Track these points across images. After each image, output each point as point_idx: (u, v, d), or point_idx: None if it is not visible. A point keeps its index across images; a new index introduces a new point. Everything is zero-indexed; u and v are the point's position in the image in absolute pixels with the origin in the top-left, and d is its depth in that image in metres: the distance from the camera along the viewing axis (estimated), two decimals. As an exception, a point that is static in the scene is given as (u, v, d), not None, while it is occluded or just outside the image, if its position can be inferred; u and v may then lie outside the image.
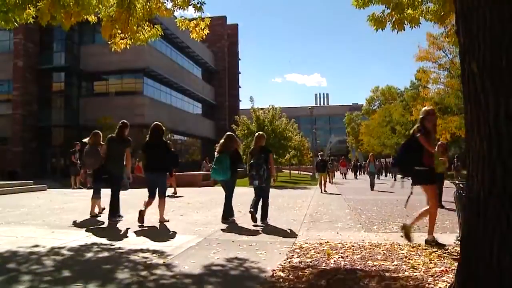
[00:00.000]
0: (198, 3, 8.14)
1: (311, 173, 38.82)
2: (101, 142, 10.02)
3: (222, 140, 9.12)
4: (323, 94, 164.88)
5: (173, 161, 9.15)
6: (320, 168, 21.01)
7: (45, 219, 9.44)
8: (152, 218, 8.92)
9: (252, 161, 8.78)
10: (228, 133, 9.58)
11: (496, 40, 2.66)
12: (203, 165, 30.24)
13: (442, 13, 8.31)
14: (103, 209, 9.95)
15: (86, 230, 7.79)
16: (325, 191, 19.81)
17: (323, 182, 20.46)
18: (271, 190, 9.37)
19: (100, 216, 9.73)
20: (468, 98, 2.86)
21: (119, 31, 8.65)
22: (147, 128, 31.21)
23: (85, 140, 10.62)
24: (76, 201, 13.74)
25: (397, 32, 8.26)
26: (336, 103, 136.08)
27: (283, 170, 45.20)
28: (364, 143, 71.29)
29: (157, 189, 8.68)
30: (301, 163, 48.08)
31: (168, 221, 8.89)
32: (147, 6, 8.54)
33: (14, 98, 34.93)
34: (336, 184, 27.02)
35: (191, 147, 50.95)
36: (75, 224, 8.71)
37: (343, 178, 34.99)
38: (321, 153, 25.10)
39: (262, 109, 24.58)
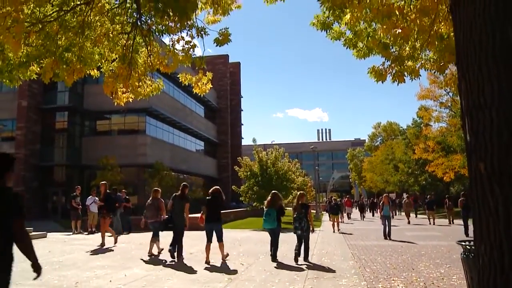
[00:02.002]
0: (200, 57, 8.20)
1: (314, 211, 38.40)
2: (158, 196, 12.71)
3: (269, 197, 11.60)
4: (325, 129, 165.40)
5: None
6: (334, 211, 23.60)
7: (43, 277, 9.20)
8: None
9: (295, 215, 11.54)
10: (273, 191, 12.09)
11: (503, 145, 2.57)
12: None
13: (442, 63, 8.34)
14: (162, 249, 12.46)
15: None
16: (338, 229, 22.51)
17: (335, 223, 23.06)
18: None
19: (159, 255, 12.10)
20: (476, 199, 2.73)
21: (121, 86, 8.70)
22: (149, 167, 31.25)
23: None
24: (76, 251, 13.48)
25: (398, 84, 8.26)
26: (338, 138, 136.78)
27: (286, 208, 44.76)
28: (367, 180, 70.94)
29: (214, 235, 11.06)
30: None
31: (227, 255, 11.53)
32: (148, 61, 8.61)
33: (17, 138, 35.06)
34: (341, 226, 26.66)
35: (193, 185, 50.74)
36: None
37: (348, 218, 34.36)
38: (334, 197, 27.66)
39: (264, 147, 24.59)
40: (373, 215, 44.26)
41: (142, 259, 11.69)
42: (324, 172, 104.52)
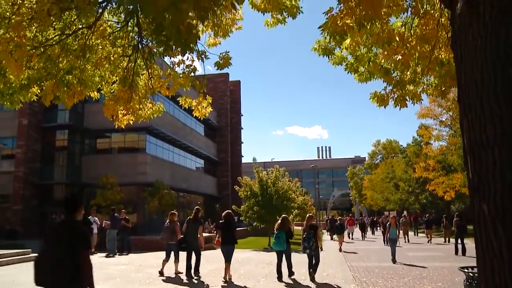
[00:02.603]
0: (200, 80, 8.22)
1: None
2: (175, 219, 13.51)
3: (279, 221, 12.61)
4: (325, 147, 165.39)
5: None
6: (338, 231, 24.86)
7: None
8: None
9: (304, 235, 12.37)
10: (283, 215, 13.29)
11: (507, 185, 2.52)
12: (205, 226, 29.71)
13: (443, 88, 8.35)
14: (180, 272, 12.97)
15: None
16: (340, 249, 23.20)
17: (340, 241, 24.24)
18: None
19: (176, 276, 12.71)
20: (480, 239, 2.66)
21: (122, 108, 8.71)
22: (149, 186, 31.11)
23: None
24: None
25: (400, 109, 8.27)
26: (338, 156, 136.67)
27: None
28: (368, 198, 70.71)
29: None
30: (304, 219, 47.42)
31: (231, 277, 12.00)
32: (149, 84, 8.64)
33: (17, 156, 35.02)
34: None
35: (193, 204, 50.50)
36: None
37: (349, 237, 34.12)
38: (339, 217, 29.11)
39: (264, 165, 24.50)
40: (372, 233, 44.04)
41: (161, 280, 11.56)
42: (324, 189, 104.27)
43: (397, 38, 5.96)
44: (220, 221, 12.58)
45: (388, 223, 19.04)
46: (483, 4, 2.60)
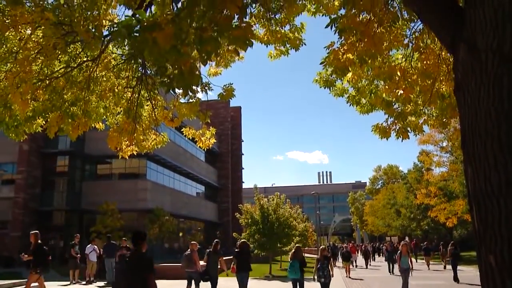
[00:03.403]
0: (203, 111, 8.31)
1: (316, 256, 37.58)
2: (195, 249, 14.18)
3: (293, 250, 13.25)
4: (326, 172, 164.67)
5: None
6: (345, 258, 25.52)
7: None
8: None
9: (318, 265, 13.20)
10: (297, 245, 14.38)
11: None
12: (206, 253, 29.29)
13: (444, 119, 8.41)
14: None
15: None
16: (348, 276, 23.95)
17: (347, 269, 25.00)
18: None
19: None
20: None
21: (125, 139, 8.75)
22: (149, 212, 30.84)
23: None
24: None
25: (402, 140, 8.30)
26: (339, 181, 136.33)
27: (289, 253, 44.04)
28: (369, 224, 70.19)
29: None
30: (305, 245, 47.00)
31: None
32: (153, 115, 8.71)
33: (17, 181, 34.93)
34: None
35: (193, 230, 50.14)
36: None
37: (352, 265, 33.69)
38: (345, 245, 29.43)
39: (264, 190, 24.38)
40: (373, 260, 43.54)
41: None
42: (325, 215, 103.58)
43: (399, 73, 6.05)
44: (236, 250, 13.78)
45: (399, 251, 17.21)
46: (485, 52, 2.64)
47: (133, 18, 2.73)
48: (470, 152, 2.75)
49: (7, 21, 6.48)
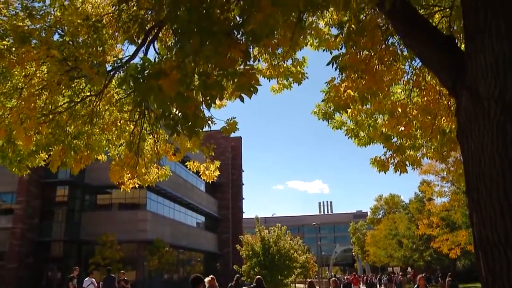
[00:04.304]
0: (207, 146, 8.33)
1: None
2: (215, 284, 14.03)
3: (307, 285, 14.41)
4: (327, 202, 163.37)
5: None
6: None
7: None
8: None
9: None
10: (309, 280, 15.33)
11: None
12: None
13: (444, 152, 8.42)
14: None
15: None
16: None
17: None
18: None
19: None
20: None
21: (128, 172, 8.76)
22: (149, 243, 30.45)
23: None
24: None
25: (400, 174, 8.31)
26: (340, 210, 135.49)
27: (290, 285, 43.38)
28: (371, 254, 69.30)
29: None
30: (306, 276, 46.35)
31: None
32: (155, 149, 8.74)
33: (16, 211, 34.65)
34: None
35: (193, 261, 49.51)
36: None
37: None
38: (347, 276, 30.63)
39: (265, 221, 24.25)
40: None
41: None
42: (326, 245, 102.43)
43: (399, 109, 6.10)
44: (252, 286, 14.90)
45: (416, 285, 15.98)
46: (487, 100, 2.67)
47: (138, 65, 2.79)
48: (475, 199, 2.74)
49: (14, 59, 6.59)
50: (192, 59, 2.86)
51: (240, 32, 2.98)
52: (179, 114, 3.12)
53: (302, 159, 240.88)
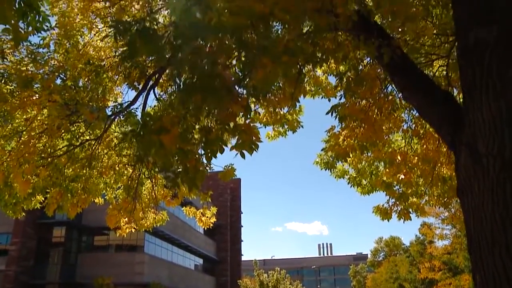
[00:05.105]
0: (205, 192, 8.28)
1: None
2: None
3: None
4: (326, 244, 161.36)
5: None
6: None
7: None
8: None
9: None
10: None
11: None
12: None
13: (445, 199, 8.37)
14: None
15: None
16: None
17: None
18: None
19: None
20: None
21: (124, 217, 8.67)
22: (146, 287, 29.91)
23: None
24: None
25: (404, 222, 8.21)
26: (339, 252, 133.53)
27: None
28: (372, 298, 67.74)
29: None
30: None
31: None
32: (152, 194, 8.68)
33: (10, 253, 33.95)
34: None
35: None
36: None
37: None
38: None
39: (263, 263, 23.80)
40: None
41: None
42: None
43: (399, 157, 6.11)
44: None
45: None
46: (486, 157, 2.67)
47: (140, 121, 2.80)
48: (477, 258, 2.69)
49: (16, 102, 6.65)
50: (194, 114, 2.88)
51: (241, 86, 3.02)
52: (179, 166, 3.11)
53: (301, 200, 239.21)
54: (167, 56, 3.10)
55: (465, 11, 3.05)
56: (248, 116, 2.98)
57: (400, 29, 4.54)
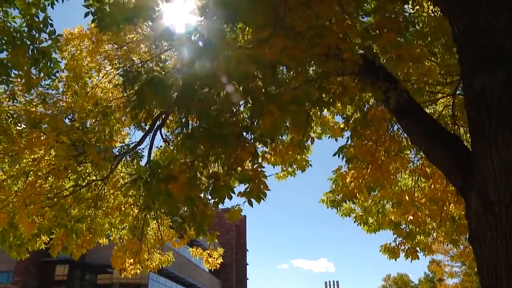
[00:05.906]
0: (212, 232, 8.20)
1: None
2: None
3: None
4: (333, 281, 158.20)
5: None
6: None
7: None
8: None
9: None
10: None
11: None
12: None
13: (454, 236, 8.25)
14: None
15: None
16: None
17: None
18: None
19: None
20: None
21: (130, 258, 8.57)
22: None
23: None
24: None
25: (411, 261, 8.07)
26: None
27: None
28: None
29: None
30: None
31: None
32: (158, 235, 8.60)
33: (11, 294, 33.47)
34: None
35: None
36: None
37: None
38: None
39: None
40: None
41: None
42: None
43: (407, 197, 6.05)
44: None
45: None
46: (498, 205, 2.63)
47: (148, 169, 2.82)
48: None
49: (24, 143, 6.70)
50: (202, 160, 2.89)
51: (249, 133, 3.03)
52: (187, 212, 3.09)
53: (306, 237, 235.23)
54: (174, 102, 3.13)
55: (470, 55, 3.05)
56: (256, 161, 2.99)
57: (405, 72, 4.60)
